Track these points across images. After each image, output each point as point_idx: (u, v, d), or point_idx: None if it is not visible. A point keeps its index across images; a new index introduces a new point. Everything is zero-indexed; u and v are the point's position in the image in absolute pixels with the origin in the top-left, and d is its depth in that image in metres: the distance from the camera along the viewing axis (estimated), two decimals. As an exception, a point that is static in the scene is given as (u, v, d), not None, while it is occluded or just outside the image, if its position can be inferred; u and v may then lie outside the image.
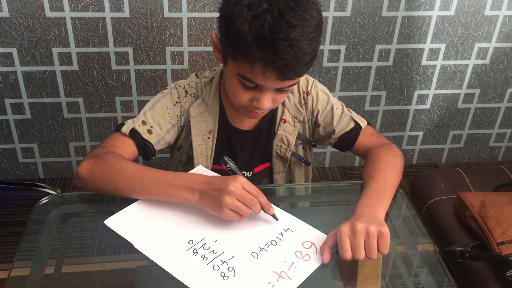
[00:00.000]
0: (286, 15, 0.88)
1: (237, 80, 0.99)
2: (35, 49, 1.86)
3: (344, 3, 1.93)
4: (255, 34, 0.89)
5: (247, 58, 0.92)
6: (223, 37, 0.97)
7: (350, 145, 1.20)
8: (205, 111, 1.14)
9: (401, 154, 1.13)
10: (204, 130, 1.15)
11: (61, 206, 1.08)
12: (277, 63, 0.90)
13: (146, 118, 1.11)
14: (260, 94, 0.99)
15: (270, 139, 1.19)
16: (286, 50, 0.89)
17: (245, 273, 0.86)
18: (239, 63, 0.95)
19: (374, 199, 0.97)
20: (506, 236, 1.17)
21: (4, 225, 1.95)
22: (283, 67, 0.91)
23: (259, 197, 0.91)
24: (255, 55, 0.90)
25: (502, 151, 2.46)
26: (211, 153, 1.17)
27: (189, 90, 1.15)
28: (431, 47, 2.08)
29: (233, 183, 0.89)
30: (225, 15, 0.94)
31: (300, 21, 0.89)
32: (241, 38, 0.90)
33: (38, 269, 0.93)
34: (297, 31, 0.89)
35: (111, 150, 1.05)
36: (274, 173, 1.23)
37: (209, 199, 0.91)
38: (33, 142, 2.09)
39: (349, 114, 1.19)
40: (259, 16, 0.88)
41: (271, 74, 0.92)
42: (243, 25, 0.89)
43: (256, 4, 0.89)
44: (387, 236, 0.87)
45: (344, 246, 0.87)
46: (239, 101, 1.03)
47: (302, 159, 1.23)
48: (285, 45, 0.88)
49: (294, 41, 0.89)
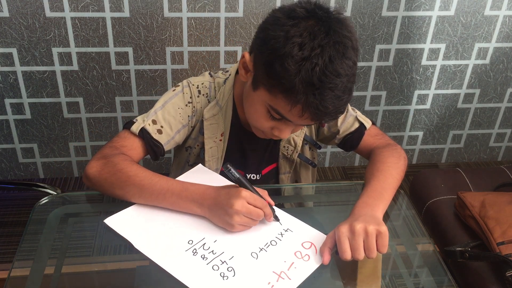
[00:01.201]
0: (335, 63, 0.87)
1: (265, 110, 0.97)
2: (35, 49, 1.86)
3: (344, 3, 1.92)
4: (303, 78, 0.87)
5: (289, 98, 0.90)
6: (263, 67, 0.93)
7: (354, 146, 1.19)
8: (219, 113, 1.13)
9: (406, 156, 1.13)
10: (216, 132, 1.14)
11: (61, 206, 1.08)
12: (319, 110, 0.89)
13: (157, 117, 1.09)
14: (284, 126, 0.99)
15: (277, 141, 1.19)
16: (331, 100, 0.88)
17: (245, 273, 0.86)
18: (276, 97, 0.93)
19: (373, 198, 0.97)
20: (506, 236, 1.17)
21: (4, 225, 1.95)
22: (324, 115, 0.91)
23: (264, 209, 0.93)
24: (300, 99, 0.88)
25: (502, 151, 2.46)
26: (222, 155, 1.16)
27: (202, 90, 1.13)
28: (431, 47, 2.08)
29: (238, 202, 0.90)
30: (270, 46, 0.90)
31: (346, 70, 0.88)
32: (287, 77, 0.88)
33: (38, 269, 0.93)
34: (344, 82, 0.88)
35: (121, 151, 1.04)
36: (280, 173, 1.23)
37: (218, 217, 0.93)
38: (33, 142, 2.09)
39: (354, 114, 1.18)
40: (311, 59, 0.86)
41: (308, 116, 0.92)
42: (293, 65, 0.87)
43: (308, 46, 0.86)
44: (385, 235, 0.87)
45: (344, 247, 0.87)
46: (260, 126, 1.02)
47: (308, 161, 1.23)
48: (331, 96, 0.88)
49: (339, 92, 0.88)
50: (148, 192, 0.96)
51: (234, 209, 0.89)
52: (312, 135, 1.21)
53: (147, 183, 0.97)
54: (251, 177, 1.20)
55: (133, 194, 0.98)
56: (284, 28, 0.88)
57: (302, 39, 0.86)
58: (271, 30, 0.91)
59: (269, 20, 0.94)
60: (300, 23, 0.88)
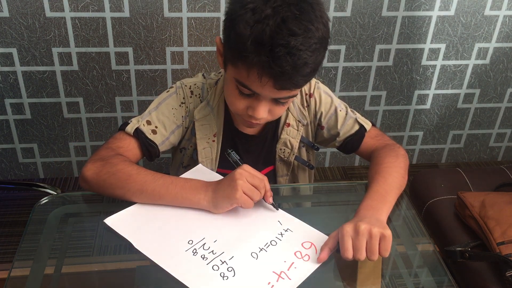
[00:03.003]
0: (289, 23, 0.86)
1: (234, 86, 0.97)
2: (35, 49, 1.86)
3: (344, 3, 1.92)
4: (255, 39, 0.87)
5: (245, 62, 0.90)
6: (225, 40, 0.96)
7: (355, 148, 1.19)
8: (210, 114, 1.13)
9: (404, 154, 1.12)
10: (209, 133, 1.14)
11: (61, 206, 1.08)
12: (273, 70, 0.88)
13: (151, 118, 1.10)
14: (256, 103, 0.97)
15: (273, 143, 1.19)
16: (284, 57, 0.87)
17: (245, 273, 0.86)
18: (237, 67, 0.94)
19: (377, 201, 0.96)
20: (506, 236, 1.17)
21: (4, 225, 1.95)
22: (279, 74, 0.89)
23: (264, 180, 0.94)
24: (252, 59, 0.88)
25: (502, 151, 2.46)
26: (216, 156, 1.16)
27: (195, 91, 1.13)
28: (431, 47, 2.08)
29: (240, 169, 0.93)
30: (229, 18, 0.93)
31: (303, 30, 0.87)
32: (241, 42, 0.88)
33: (38, 269, 0.93)
34: (299, 40, 0.87)
35: (118, 152, 1.04)
36: (277, 176, 1.22)
37: (222, 189, 0.94)
38: (33, 142, 2.09)
39: (353, 116, 1.18)
40: (262, 21, 0.86)
41: (267, 81, 0.90)
42: (245, 29, 0.88)
43: (260, 9, 0.87)
44: (389, 239, 0.87)
45: (346, 246, 0.87)
46: (235, 108, 1.02)
47: (305, 163, 1.23)
48: (284, 52, 0.86)
49: (294, 50, 0.87)
50: (150, 187, 0.96)
51: (237, 172, 0.92)
52: (309, 137, 1.20)
53: (149, 179, 0.97)
54: None
55: (134, 192, 0.97)
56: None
57: (255, 4, 0.88)
58: (230, 3, 0.94)
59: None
60: None
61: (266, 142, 1.18)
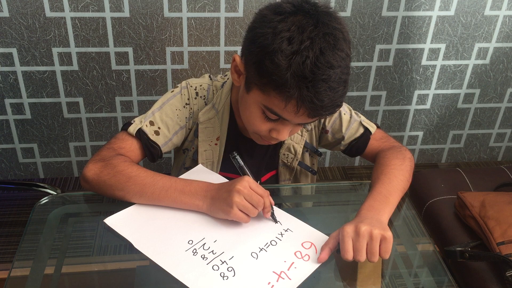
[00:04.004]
0: (327, 55, 0.86)
1: (260, 111, 0.96)
2: (35, 49, 1.86)
3: (344, 3, 1.92)
4: (294, 72, 0.85)
5: (282, 94, 0.88)
6: (254, 66, 0.92)
7: (360, 151, 1.19)
8: (215, 117, 1.11)
9: (411, 156, 1.12)
10: (212, 136, 1.13)
11: (61, 206, 1.08)
12: (314, 104, 0.88)
13: (154, 119, 1.09)
14: (281, 127, 0.97)
15: (276, 148, 1.18)
16: (325, 92, 0.87)
17: (245, 273, 0.86)
18: (270, 96, 0.91)
19: (379, 202, 0.96)
20: (506, 236, 1.17)
21: (4, 225, 1.95)
22: (319, 108, 0.89)
23: (265, 198, 0.92)
24: (293, 93, 0.87)
25: (502, 151, 2.46)
26: (218, 160, 1.15)
27: (200, 92, 1.12)
28: (431, 47, 2.08)
29: (241, 183, 0.90)
30: (259, 44, 0.89)
31: (339, 61, 0.87)
32: (278, 73, 0.86)
33: (38, 269, 0.93)
34: (337, 73, 0.87)
35: (119, 152, 1.04)
36: (280, 180, 1.22)
37: (219, 202, 0.92)
38: (33, 142, 2.09)
39: (358, 119, 1.17)
40: (301, 53, 0.85)
41: (303, 112, 0.90)
42: (283, 60, 0.85)
43: (297, 40, 0.85)
44: (390, 241, 0.87)
45: (346, 247, 0.87)
46: (257, 130, 1.00)
47: (308, 168, 1.22)
48: (325, 87, 0.86)
49: (334, 83, 0.87)
50: (150, 190, 0.96)
51: (236, 189, 0.90)
52: (312, 142, 1.20)
53: (149, 182, 0.97)
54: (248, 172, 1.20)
55: (134, 194, 0.97)
56: (271, 24, 0.88)
57: (291, 33, 0.86)
58: (259, 28, 0.91)
59: (256, 19, 0.94)
60: (288, 18, 0.88)
61: (269, 147, 1.17)
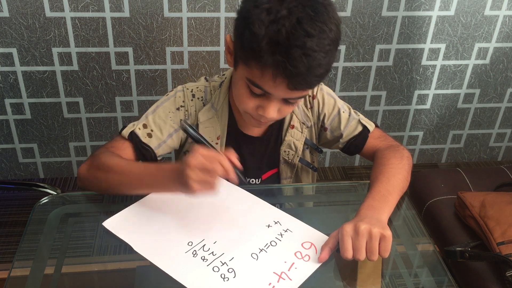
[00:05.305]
0: (304, 24, 0.86)
1: (245, 85, 0.97)
2: (35, 49, 1.86)
3: (344, 3, 1.92)
4: (270, 39, 0.87)
5: (259, 62, 0.90)
6: (238, 39, 0.95)
7: (358, 149, 1.19)
8: (214, 116, 1.12)
9: (409, 155, 1.12)
10: (212, 136, 1.13)
11: (61, 206, 1.08)
12: (289, 70, 0.87)
13: (148, 122, 1.10)
14: (267, 103, 0.97)
15: (277, 145, 1.18)
16: (300, 58, 0.87)
17: (245, 274, 0.86)
18: (250, 67, 0.93)
19: (378, 201, 0.96)
20: (506, 236, 1.17)
21: (4, 225, 1.95)
22: (294, 75, 0.89)
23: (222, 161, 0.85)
24: (267, 60, 0.88)
25: (502, 151, 2.46)
26: None
27: (197, 94, 1.13)
28: (431, 47, 2.08)
29: (191, 156, 0.85)
30: (242, 17, 0.93)
31: (318, 31, 0.87)
32: (255, 41, 0.88)
33: (38, 269, 0.93)
34: (314, 41, 0.87)
35: (110, 151, 1.05)
36: (281, 178, 1.22)
37: (178, 182, 0.88)
38: (33, 142, 2.09)
39: (356, 117, 1.18)
40: (277, 21, 0.86)
41: (281, 81, 0.90)
42: (260, 29, 0.87)
43: (275, 9, 0.87)
44: (389, 240, 0.87)
45: (346, 246, 0.87)
46: (244, 107, 1.01)
47: (309, 165, 1.22)
48: (300, 53, 0.86)
49: (310, 51, 0.87)
50: (127, 179, 0.97)
51: (186, 163, 0.84)
52: (312, 139, 1.20)
53: (126, 170, 0.98)
54: (250, 181, 1.20)
55: (114, 184, 0.98)
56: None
57: (270, 4, 0.87)
58: (243, 2, 0.93)
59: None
60: None
61: (270, 144, 1.18)
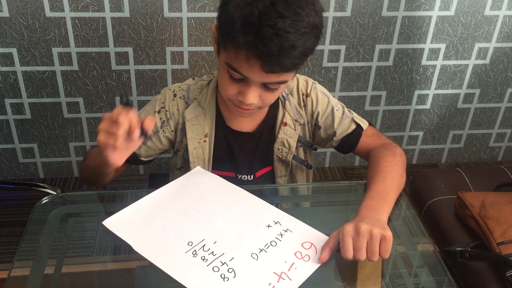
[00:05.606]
0: (278, 6, 0.87)
1: (225, 70, 0.98)
2: (35, 49, 1.86)
3: (344, 3, 1.92)
4: (243, 20, 0.88)
5: (233, 43, 0.91)
6: (218, 25, 0.98)
7: (352, 148, 1.19)
8: (201, 114, 1.13)
9: (401, 152, 1.12)
10: (200, 133, 1.14)
11: (61, 206, 1.08)
12: (260, 50, 0.88)
13: None
14: (246, 88, 0.98)
15: (271, 142, 1.18)
16: (271, 38, 0.87)
17: (245, 274, 0.86)
18: (227, 50, 0.95)
19: (377, 202, 0.96)
20: (506, 236, 1.17)
21: (4, 225, 1.95)
22: (266, 55, 0.89)
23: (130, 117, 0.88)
24: (240, 40, 0.89)
25: (502, 151, 2.46)
26: (209, 157, 1.16)
27: (179, 93, 1.15)
28: (431, 47, 2.08)
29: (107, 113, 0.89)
30: (223, 3, 0.95)
31: (292, 14, 0.88)
32: (230, 23, 0.90)
33: (38, 269, 0.93)
34: (286, 22, 0.87)
35: None
36: (276, 177, 1.22)
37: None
38: (33, 142, 2.09)
39: (350, 115, 1.18)
40: (252, 3, 0.88)
41: (254, 63, 0.91)
42: (235, 11, 0.89)
43: None
44: (389, 240, 0.87)
45: (347, 246, 0.87)
46: (226, 93, 1.02)
47: (303, 162, 1.22)
48: (270, 33, 0.87)
49: (281, 31, 0.87)
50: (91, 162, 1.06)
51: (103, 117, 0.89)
52: (306, 137, 1.20)
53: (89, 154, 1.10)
54: (242, 177, 1.20)
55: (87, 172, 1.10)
56: None
57: None
58: None
59: None
60: None
61: (261, 140, 1.18)
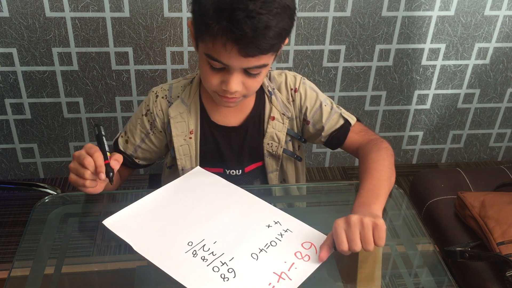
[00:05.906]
0: None
1: (206, 62, 0.99)
2: (35, 49, 1.86)
3: (344, 3, 1.92)
4: (216, 7, 0.89)
5: (209, 32, 0.92)
6: (192, 18, 0.98)
7: (340, 143, 1.20)
8: (185, 111, 1.14)
9: (387, 146, 1.12)
10: (185, 130, 1.15)
11: (61, 206, 1.08)
12: (234, 34, 0.89)
13: (126, 129, 1.18)
14: (228, 76, 0.98)
15: (260, 138, 1.18)
16: (244, 21, 0.88)
17: (245, 274, 0.86)
18: (204, 41, 0.95)
19: (368, 198, 0.97)
20: (506, 236, 1.17)
21: (4, 225, 1.95)
22: (241, 38, 0.90)
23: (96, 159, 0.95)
24: (214, 27, 0.90)
25: (502, 151, 2.46)
26: (195, 154, 1.16)
27: (160, 93, 1.16)
28: (431, 47, 2.08)
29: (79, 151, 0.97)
30: None
31: None
32: (203, 13, 0.91)
33: (38, 269, 0.93)
34: (257, 4, 0.88)
35: None
36: (267, 172, 1.22)
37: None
38: (33, 142, 2.09)
39: (338, 111, 1.18)
40: None
41: (231, 48, 0.91)
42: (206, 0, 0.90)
43: None
44: (382, 228, 0.87)
45: (340, 238, 0.87)
46: (209, 85, 1.02)
47: (293, 155, 1.23)
48: (243, 16, 0.88)
49: (253, 13, 0.88)
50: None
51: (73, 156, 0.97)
52: (294, 129, 1.20)
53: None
54: (230, 172, 1.20)
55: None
56: None
57: None
58: None
59: None
60: None
61: (247, 134, 1.18)
